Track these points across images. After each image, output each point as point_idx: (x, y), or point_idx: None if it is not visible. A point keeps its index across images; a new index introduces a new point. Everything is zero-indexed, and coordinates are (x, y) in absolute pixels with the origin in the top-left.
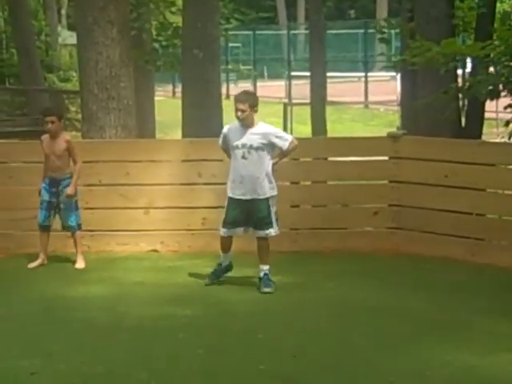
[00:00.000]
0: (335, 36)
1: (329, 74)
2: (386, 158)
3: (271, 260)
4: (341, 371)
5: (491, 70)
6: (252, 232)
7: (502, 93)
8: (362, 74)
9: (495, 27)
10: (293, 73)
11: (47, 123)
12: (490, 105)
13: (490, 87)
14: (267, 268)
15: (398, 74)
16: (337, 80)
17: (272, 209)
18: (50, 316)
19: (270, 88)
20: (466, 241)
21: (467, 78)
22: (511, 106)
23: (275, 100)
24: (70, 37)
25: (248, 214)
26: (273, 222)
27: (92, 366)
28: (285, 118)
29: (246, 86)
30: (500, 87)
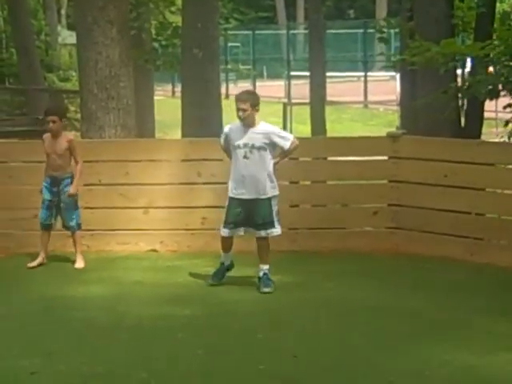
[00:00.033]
0: (334, 36)
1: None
2: (386, 158)
3: (271, 260)
4: (340, 371)
5: (491, 70)
6: (252, 232)
7: (502, 92)
8: (362, 74)
9: (495, 27)
10: (292, 72)
11: (48, 123)
12: (490, 104)
13: (490, 87)
14: (267, 268)
15: (398, 74)
16: (336, 80)
17: (274, 208)
18: (50, 316)
19: (270, 88)
20: (465, 240)
21: (467, 78)
22: (511, 106)
23: (275, 100)
24: (70, 36)
25: (249, 214)
26: (274, 222)
27: (92, 366)
28: (284, 118)
29: (246, 86)
30: (499, 87)
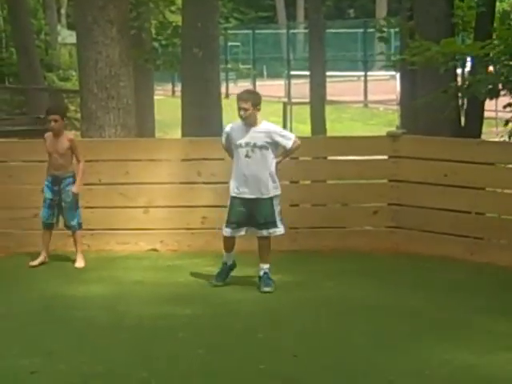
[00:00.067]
0: (334, 35)
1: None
2: (386, 157)
3: (271, 259)
4: (340, 370)
5: (490, 69)
6: (254, 231)
7: (502, 92)
8: (362, 74)
9: (495, 26)
10: (292, 72)
11: (50, 122)
12: (490, 104)
13: (490, 86)
14: (267, 267)
15: (398, 73)
16: (336, 79)
17: (276, 208)
18: (50, 315)
19: (270, 87)
20: (465, 240)
21: (467, 77)
22: (511, 105)
23: (275, 99)
24: (70, 36)
25: (251, 214)
26: (277, 222)
27: (92, 366)
28: (284, 118)
29: (246, 86)
30: (499, 86)
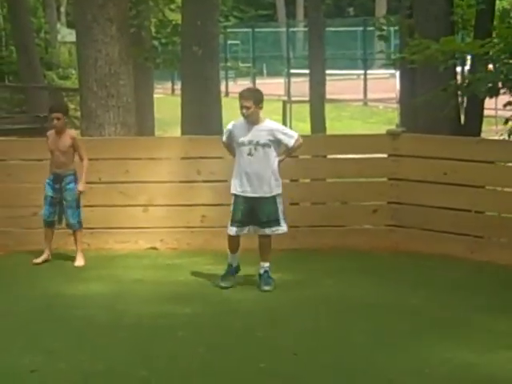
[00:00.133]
0: (334, 33)
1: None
2: (385, 156)
3: (271, 257)
4: (340, 369)
5: (490, 68)
6: (257, 230)
7: (501, 90)
8: (361, 72)
9: (494, 25)
10: (292, 70)
11: (53, 119)
12: (489, 102)
13: (490, 85)
14: (268, 265)
15: (397, 72)
16: (336, 78)
17: (279, 206)
18: (50, 313)
19: (269, 85)
20: (466, 238)
21: (466, 76)
22: (511, 104)
23: (274, 98)
24: (70, 34)
25: (254, 212)
26: (280, 220)
27: (92, 364)
28: (284, 116)
29: (246, 84)
30: (499, 85)
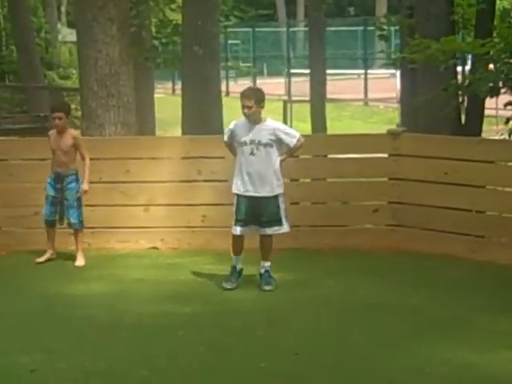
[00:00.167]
0: (335, 33)
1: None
2: (386, 156)
3: (272, 257)
4: (341, 369)
5: (491, 68)
6: (257, 230)
7: (502, 90)
8: (362, 72)
9: (495, 24)
10: (292, 70)
11: (54, 119)
12: (490, 102)
13: (490, 84)
14: (268, 265)
15: (398, 72)
16: (336, 77)
17: (281, 206)
18: (50, 313)
19: (270, 85)
20: (466, 238)
21: (467, 76)
22: (511, 104)
23: (275, 97)
24: (70, 34)
25: (255, 212)
26: (282, 220)
27: (93, 364)
28: (284, 116)
29: (246, 84)
30: (500, 84)
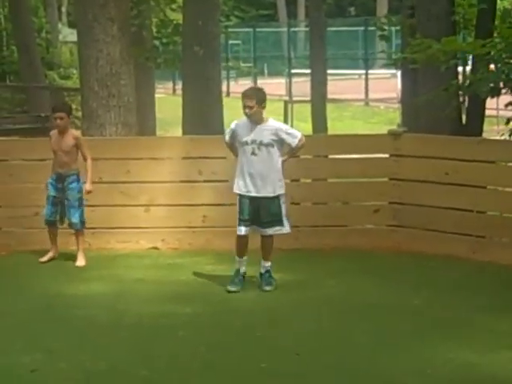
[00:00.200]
0: (335, 33)
1: (329, 72)
2: (387, 156)
3: (272, 257)
4: (342, 369)
5: (492, 68)
6: (258, 230)
7: (503, 90)
8: (363, 72)
9: (496, 24)
10: (293, 70)
11: (56, 119)
12: (491, 102)
13: (491, 85)
14: (269, 265)
15: (399, 72)
16: (337, 77)
17: (283, 206)
18: (51, 313)
19: (271, 85)
20: (468, 238)
21: (468, 76)
22: None
23: (275, 97)
24: (71, 34)
25: (257, 212)
26: (283, 220)
27: (93, 364)
28: (285, 116)
29: (247, 84)
30: (501, 85)
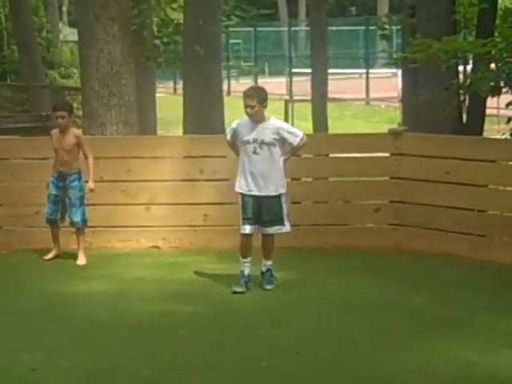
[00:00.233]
0: (336, 33)
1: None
2: (388, 155)
3: (274, 255)
4: (342, 368)
5: (492, 67)
6: (259, 229)
7: (504, 89)
8: (363, 71)
9: (497, 24)
10: (294, 69)
11: (57, 118)
12: (492, 101)
13: (492, 84)
14: (270, 263)
15: (399, 71)
16: (338, 77)
17: (284, 205)
18: (51, 312)
19: (271, 85)
20: (468, 237)
21: (468, 75)
22: None
23: (276, 97)
24: (72, 33)
25: (259, 211)
26: (284, 219)
27: (94, 363)
28: (286, 115)
29: (247, 83)
30: (501, 84)
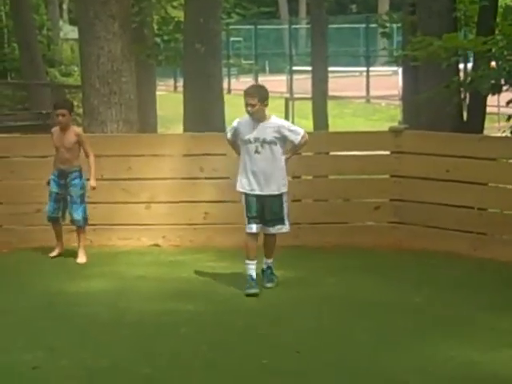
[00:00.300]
0: (337, 30)
1: (330, 69)
2: (388, 153)
3: (275, 254)
4: (343, 367)
5: (493, 65)
6: (262, 228)
7: (504, 87)
8: (364, 69)
9: (497, 22)
10: (294, 67)
11: (58, 116)
12: (492, 99)
13: (492, 82)
14: (271, 261)
15: (400, 69)
16: (338, 74)
17: (285, 205)
18: (52, 311)
19: (272, 83)
20: (469, 235)
21: (469, 73)
22: None
23: (277, 95)
24: (72, 31)
25: (262, 210)
26: (284, 219)
27: (95, 362)
28: (286, 113)
29: (248, 81)
30: (502, 82)
